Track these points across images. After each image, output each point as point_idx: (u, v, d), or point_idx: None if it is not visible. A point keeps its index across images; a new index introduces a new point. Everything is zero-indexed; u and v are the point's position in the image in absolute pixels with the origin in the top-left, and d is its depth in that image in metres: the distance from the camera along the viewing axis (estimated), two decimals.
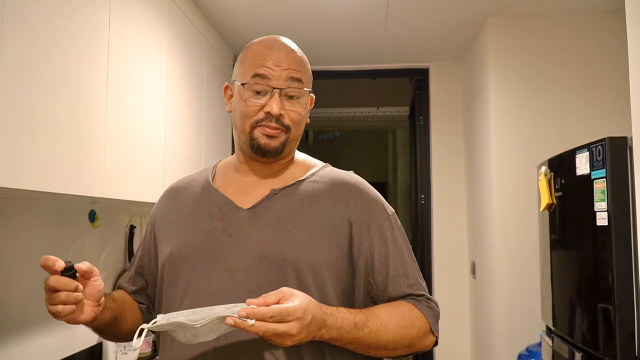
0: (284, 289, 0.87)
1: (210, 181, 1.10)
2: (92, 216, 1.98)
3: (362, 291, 1.02)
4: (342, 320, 0.91)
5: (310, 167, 1.11)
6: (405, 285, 1.02)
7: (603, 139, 1.71)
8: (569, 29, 2.72)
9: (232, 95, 1.09)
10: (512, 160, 2.71)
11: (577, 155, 1.87)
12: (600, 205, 1.72)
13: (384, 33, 3.00)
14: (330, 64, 3.55)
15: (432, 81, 3.56)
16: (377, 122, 5.56)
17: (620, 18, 1.57)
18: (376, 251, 1.02)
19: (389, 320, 0.96)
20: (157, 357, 1.09)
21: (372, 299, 1.03)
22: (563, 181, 2.03)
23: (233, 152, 1.17)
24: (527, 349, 2.45)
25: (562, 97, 2.69)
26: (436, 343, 1.04)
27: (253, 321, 0.80)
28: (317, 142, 7.32)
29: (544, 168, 2.18)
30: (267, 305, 0.82)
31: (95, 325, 0.96)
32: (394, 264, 1.02)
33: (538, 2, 2.59)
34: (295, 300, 0.84)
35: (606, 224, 1.69)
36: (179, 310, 0.92)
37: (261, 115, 1.01)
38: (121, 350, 2.02)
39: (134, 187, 1.80)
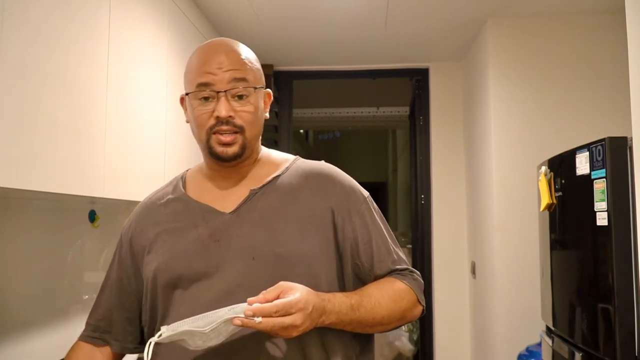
0: (282, 283, 0.89)
1: (184, 192, 1.10)
2: (92, 216, 1.98)
3: (351, 273, 1.06)
4: (340, 304, 0.95)
5: (281, 161, 1.13)
6: (389, 262, 1.08)
7: (603, 139, 1.71)
8: (569, 29, 2.72)
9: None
10: (512, 160, 2.71)
11: (577, 155, 1.87)
12: (600, 205, 1.72)
13: (384, 33, 3.00)
14: (330, 64, 3.54)
15: (432, 81, 3.56)
16: (377, 122, 5.55)
17: (620, 18, 1.57)
18: (359, 234, 1.06)
19: (382, 297, 1.01)
20: None
21: (360, 280, 1.07)
22: (563, 181, 2.03)
23: None
24: (527, 349, 2.45)
25: (562, 97, 2.69)
26: (423, 312, 1.10)
27: (260, 319, 0.82)
28: (317, 142, 7.31)
29: (544, 168, 2.18)
30: (268, 301, 0.85)
31: None
32: (377, 244, 1.07)
33: (538, 2, 2.59)
34: (295, 292, 0.88)
35: (606, 224, 1.69)
36: (178, 319, 0.91)
37: (212, 121, 1.01)
38: None
39: (134, 187, 1.80)
